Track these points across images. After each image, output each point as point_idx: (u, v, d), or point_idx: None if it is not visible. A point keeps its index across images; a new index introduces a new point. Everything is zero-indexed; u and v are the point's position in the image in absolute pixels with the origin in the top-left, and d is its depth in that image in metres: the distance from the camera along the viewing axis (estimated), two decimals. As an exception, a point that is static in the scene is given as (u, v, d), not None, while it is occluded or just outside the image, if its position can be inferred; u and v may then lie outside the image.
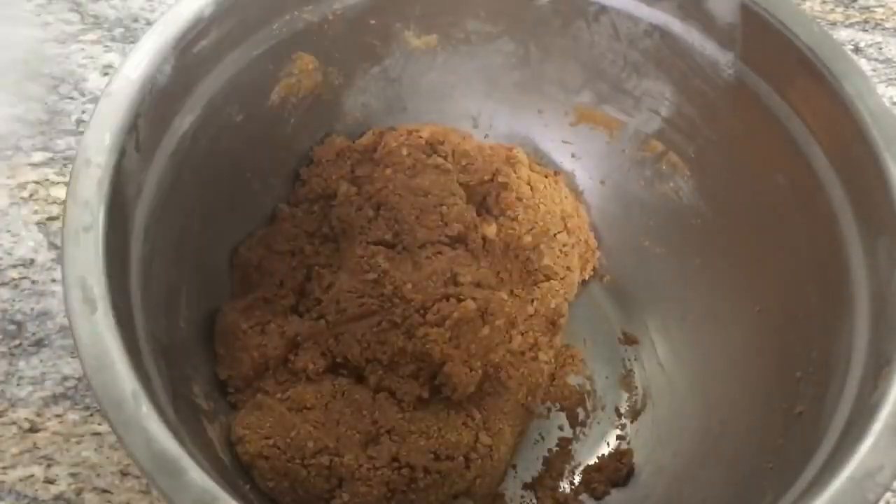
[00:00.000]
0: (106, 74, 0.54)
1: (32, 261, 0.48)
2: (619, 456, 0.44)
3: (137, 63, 0.34)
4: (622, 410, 0.46)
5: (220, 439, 0.37)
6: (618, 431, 0.45)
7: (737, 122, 0.43)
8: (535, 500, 0.43)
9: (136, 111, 0.34)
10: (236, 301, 0.42)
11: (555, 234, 0.47)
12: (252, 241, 0.44)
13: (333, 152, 0.46)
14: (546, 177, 0.49)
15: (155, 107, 0.35)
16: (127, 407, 0.27)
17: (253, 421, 0.38)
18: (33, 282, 0.47)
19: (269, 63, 0.42)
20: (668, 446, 0.43)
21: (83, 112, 0.53)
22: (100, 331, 0.29)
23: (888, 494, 0.31)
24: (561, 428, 0.45)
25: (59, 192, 0.50)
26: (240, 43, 0.40)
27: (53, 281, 0.47)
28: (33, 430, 0.43)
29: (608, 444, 0.45)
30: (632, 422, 0.46)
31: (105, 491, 0.42)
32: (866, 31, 0.61)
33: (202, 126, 0.38)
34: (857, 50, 0.60)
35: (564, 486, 0.43)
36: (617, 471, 0.43)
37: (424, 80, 0.48)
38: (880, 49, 0.60)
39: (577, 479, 0.44)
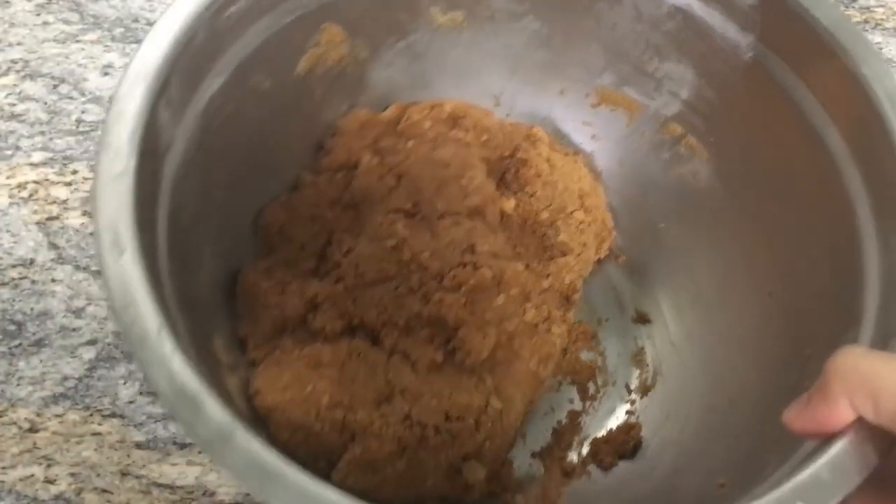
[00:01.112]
0: (106, 74, 0.54)
1: (32, 261, 0.48)
2: (628, 429, 0.44)
3: (172, 22, 0.35)
4: (632, 386, 0.47)
5: (238, 392, 0.38)
6: (627, 406, 0.46)
7: (755, 105, 0.43)
8: (542, 469, 0.44)
9: (169, 68, 0.35)
10: (258, 262, 0.43)
11: (572, 212, 0.47)
12: (275, 206, 0.45)
13: (357, 124, 0.47)
14: (566, 155, 0.49)
15: (188, 66, 0.36)
16: (151, 343, 0.29)
17: (271, 375, 0.39)
18: (33, 282, 0.47)
19: (298, 32, 0.43)
20: (676, 422, 0.44)
21: (83, 112, 0.53)
22: (127, 272, 0.30)
23: None
24: (571, 401, 0.46)
25: (59, 192, 0.50)
26: (269, 10, 0.41)
27: (53, 281, 0.47)
28: (33, 430, 0.44)
29: (617, 417, 0.46)
30: (641, 398, 0.46)
31: (105, 491, 0.42)
32: (866, 30, 0.61)
33: (230, 90, 0.39)
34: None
35: (572, 456, 0.44)
36: (625, 443, 0.44)
37: (449, 57, 0.48)
38: (880, 49, 0.60)
39: (585, 451, 0.44)
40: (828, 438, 0.29)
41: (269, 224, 0.44)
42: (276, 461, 0.27)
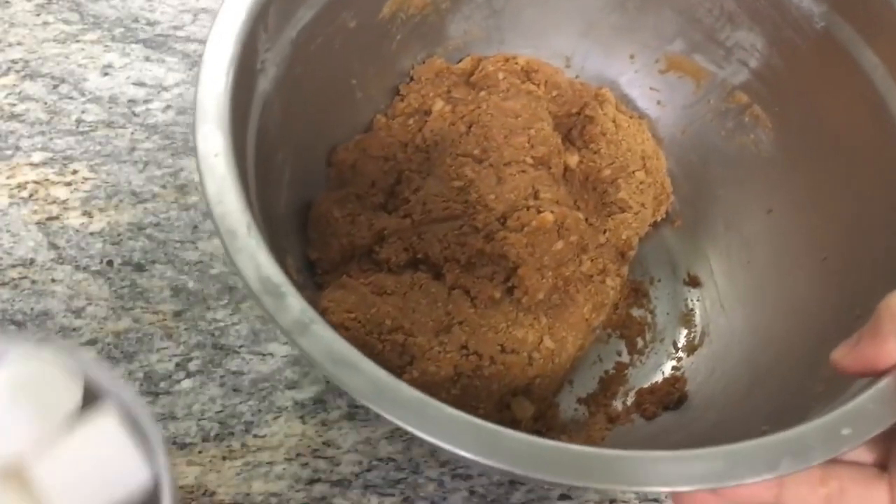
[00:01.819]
0: (106, 74, 0.54)
1: (32, 261, 0.48)
2: (674, 381, 0.46)
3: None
4: (679, 344, 0.48)
5: (306, 310, 0.41)
6: (673, 363, 0.47)
7: (822, 75, 0.44)
8: (587, 414, 0.45)
9: (268, -2, 0.37)
10: (331, 192, 0.45)
11: (633, 171, 0.49)
12: (349, 144, 0.47)
13: (433, 72, 0.49)
14: (631, 118, 0.51)
15: (284, -5, 0.38)
16: (241, 235, 0.31)
17: (337, 296, 0.41)
18: (33, 282, 0.47)
19: (385, -26, 0.45)
20: (721, 378, 0.45)
21: (83, 112, 0.53)
22: (222, 170, 0.32)
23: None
24: (619, 354, 0.48)
25: (59, 192, 0.50)
26: (360, -50, 0.43)
27: (53, 281, 0.47)
28: (33, 430, 0.44)
29: (663, 373, 0.47)
30: (688, 356, 0.47)
31: (105, 491, 0.43)
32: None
33: (320, 24, 0.42)
34: None
35: (617, 404, 0.46)
36: (669, 394, 0.45)
37: (525, 15, 0.50)
38: None
39: (630, 400, 0.46)
40: (874, 377, 0.30)
41: (342, 161, 0.46)
42: (350, 350, 0.29)
